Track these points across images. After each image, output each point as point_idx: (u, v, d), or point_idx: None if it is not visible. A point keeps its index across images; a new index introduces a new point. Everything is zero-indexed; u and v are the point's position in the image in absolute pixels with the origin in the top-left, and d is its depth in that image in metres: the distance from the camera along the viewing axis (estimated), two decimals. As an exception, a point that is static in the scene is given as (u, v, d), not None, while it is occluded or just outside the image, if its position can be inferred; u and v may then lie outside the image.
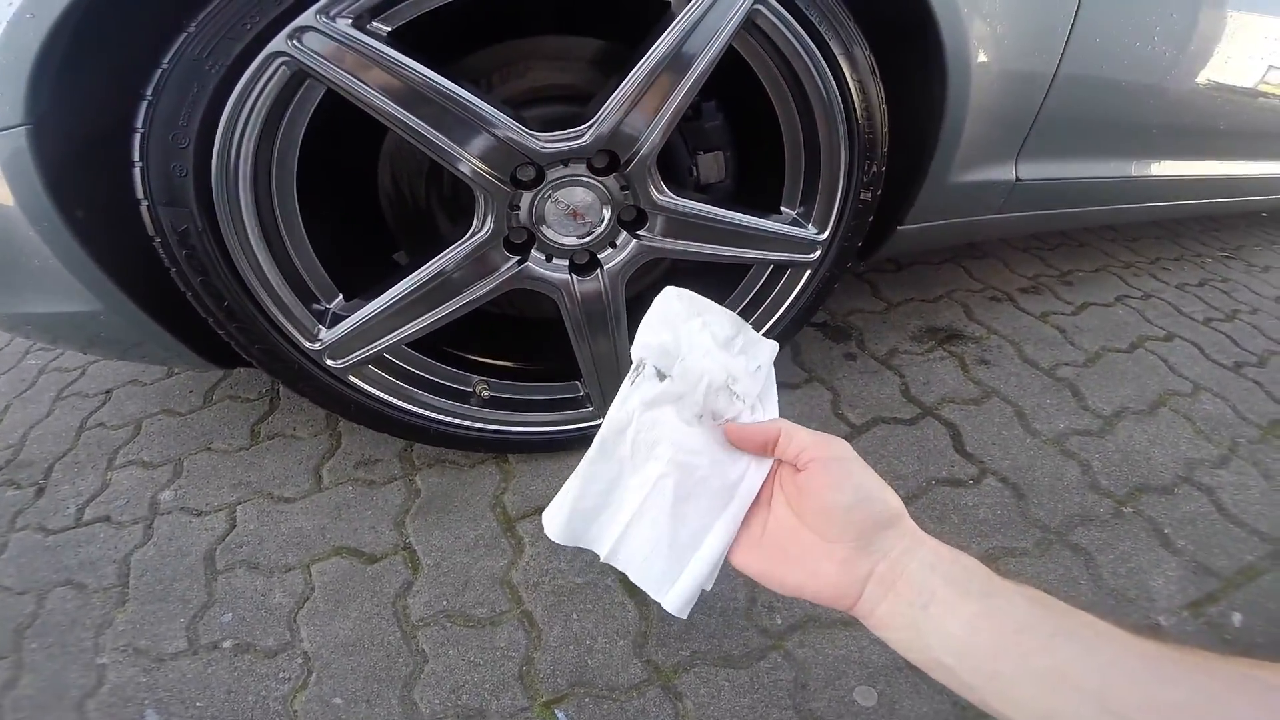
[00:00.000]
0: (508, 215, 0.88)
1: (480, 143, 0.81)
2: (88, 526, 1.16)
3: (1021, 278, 1.79)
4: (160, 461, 1.27)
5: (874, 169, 1.00)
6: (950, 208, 1.22)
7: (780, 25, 0.84)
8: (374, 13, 0.75)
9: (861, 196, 1.02)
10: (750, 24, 0.83)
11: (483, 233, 0.88)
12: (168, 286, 0.83)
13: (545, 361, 1.18)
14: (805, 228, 1.04)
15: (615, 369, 1.06)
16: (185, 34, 0.70)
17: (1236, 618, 0.93)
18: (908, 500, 1.05)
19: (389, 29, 0.77)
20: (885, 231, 1.20)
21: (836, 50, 0.87)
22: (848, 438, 1.20)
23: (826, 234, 1.05)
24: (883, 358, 1.44)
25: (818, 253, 1.07)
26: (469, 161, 0.81)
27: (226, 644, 0.95)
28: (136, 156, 0.74)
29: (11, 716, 0.90)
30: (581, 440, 1.16)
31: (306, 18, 0.71)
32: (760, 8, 0.82)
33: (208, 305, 0.84)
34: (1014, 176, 1.19)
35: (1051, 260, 1.90)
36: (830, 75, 0.88)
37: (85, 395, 1.48)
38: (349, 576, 1.02)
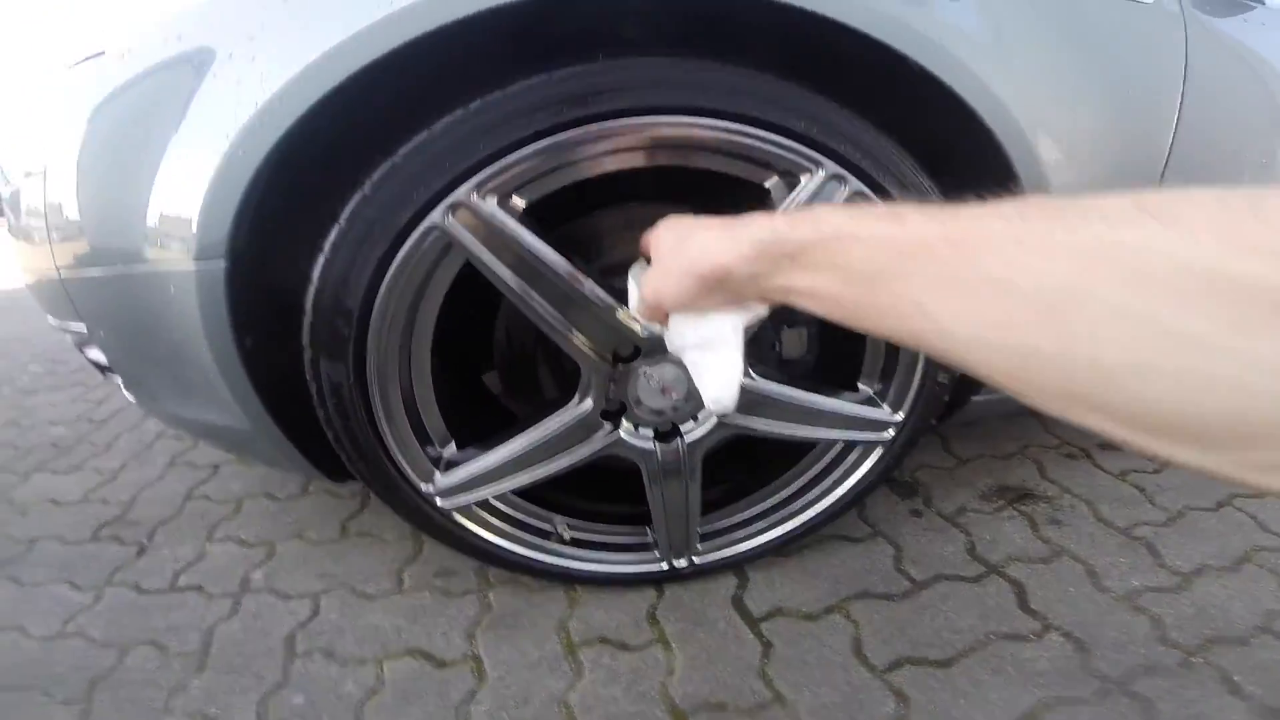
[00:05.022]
0: (606, 389, 0.95)
1: (589, 324, 0.88)
2: (180, 592, 1.25)
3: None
4: (255, 541, 1.37)
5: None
6: (1030, 380, 1.22)
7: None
8: (517, 190, 0.81)
9: (939, 379, 1.04)
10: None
11: (583, 406, 0.95)
12: (307, 415, 0.90)
13: (618, 505, 1.22)
14: (880, 407, 1.06)
15: (684, 517, 1.10)
16: (360, 194, 0.76)
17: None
18: (963, 654, 1.06)
19: (525, 204, 0.82)
20: (960, 404, 1.21)
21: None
22: (908, 593, 1.20)
23: (902, 415, 1.06)
24: (949, 515, 1.43)
25: (891, 433, 1.08)
26: (578, 339, 0.89)
27: (293, 724, 0.99)
28: (309, 309, 0.81)
29: (61, 766, 0.95)
30: (644, 581, 1.21)
31: (460, 194, 0.77)
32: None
33: (344, 444, 0.92)
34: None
35: (1131, 412, 1.83)
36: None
37: (195, 466, 1.61)
38: (418, 677, 1.07)
